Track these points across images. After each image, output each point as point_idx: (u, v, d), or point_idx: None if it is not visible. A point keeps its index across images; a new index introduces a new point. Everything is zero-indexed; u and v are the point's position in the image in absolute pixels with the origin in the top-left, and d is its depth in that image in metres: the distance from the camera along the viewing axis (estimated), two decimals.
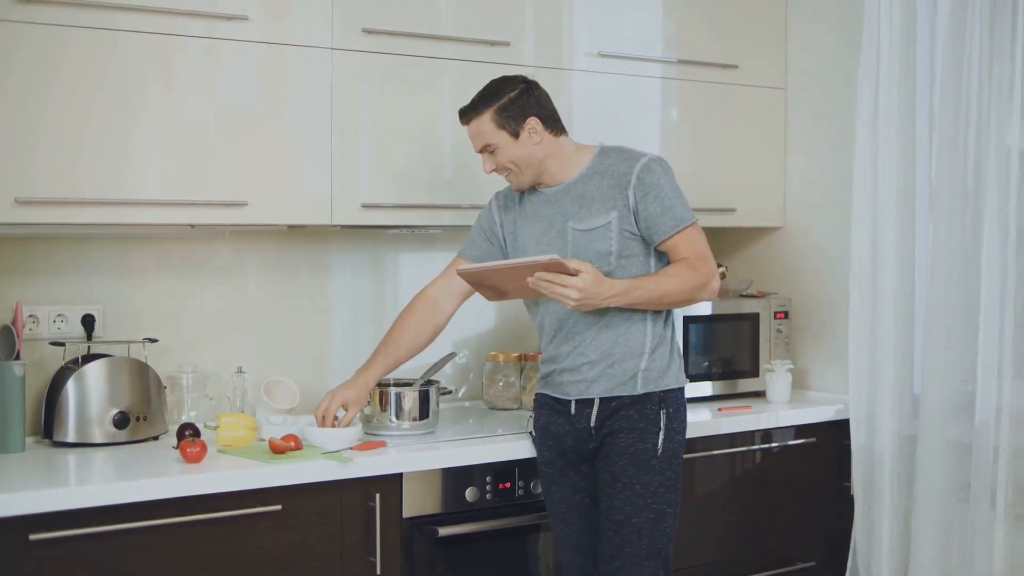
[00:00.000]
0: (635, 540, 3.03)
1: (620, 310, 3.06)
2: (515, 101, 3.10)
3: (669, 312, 3.15)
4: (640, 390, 3.07)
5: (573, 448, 3.16)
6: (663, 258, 3.11)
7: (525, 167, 3.13)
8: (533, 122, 3.11)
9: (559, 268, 2.90)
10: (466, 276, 3.07)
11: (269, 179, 3.31)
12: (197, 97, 3.21)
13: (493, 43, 3.63)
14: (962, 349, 3.64)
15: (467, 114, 3.15)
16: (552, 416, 3.19)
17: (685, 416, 3.16)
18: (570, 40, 3.79)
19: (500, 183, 3.47)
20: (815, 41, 4.20)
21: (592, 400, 3.10)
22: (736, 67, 4.14)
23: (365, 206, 3.45)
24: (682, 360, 3.21)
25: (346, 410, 3.24)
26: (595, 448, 3.12)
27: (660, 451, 3.06)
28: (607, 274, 3.03)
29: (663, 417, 3.07)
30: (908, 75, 3.77)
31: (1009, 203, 3.54)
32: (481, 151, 3.16)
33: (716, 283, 3.09)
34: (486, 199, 3.58)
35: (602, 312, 3.07)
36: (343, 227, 3.50)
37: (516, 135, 3.10)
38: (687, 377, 3.90)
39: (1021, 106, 3.52)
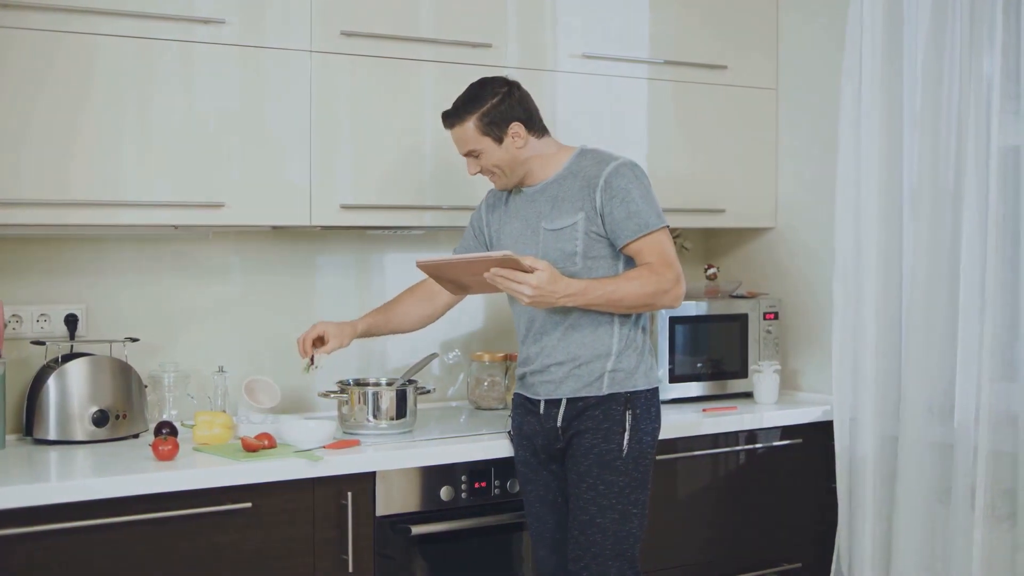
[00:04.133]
0: (600, 540, 3.05)
1: (587, 312, 3.07)
2: (497, 107, 3.12)
3: (641, 314, 3.16)
4: (606, 391, 3.08)
5: (543, 448, 3.18)
6: (632, 262, 3.11)
7: (509, 170, 3.16)
8: (516, 127, 3.13)
9: (514, 264, 2.92)
10: (425, 268, 3.09)
11: (247, 180, 3.35)
12: (175, 100, 3.25)
13: (475, 45, 3.65)
14: (944, 351, 3.63)
15: (450, 119, 3.17)
16: (525, 416, 3.22)
17: (656, 418, 3.16)
18: (554, 41, 3.81)
19: (483, 183, 3.50)
20: (807, 41, 4.19)
21: (560, 400, 3.12)
22: (725, 67, 4.13)
23: (344, 207, 3.48)
24: (655, 362, 3.21)
25: (324, 343, 3.26)
26: (563, 448, 3.14)
27: (625, 452, 3.07)
28: (572, 274, 3.05)
29: (628, 418, 3.08)
30: (891, 75, 3.76)
31: (989, 204, 3.52)
32: (466, 155, 3.18)
33: (680, 290, 3.07)
34: (467, 200, 3.62)
35: (567, 313, 3.09)
36: (324, 228, 3.53)
37: (500, 140, 3.13)
38: (675, 377, 3.97)
39: (1000, 106, 3.51)
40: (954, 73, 3.59)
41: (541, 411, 3.16)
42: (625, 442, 3.07)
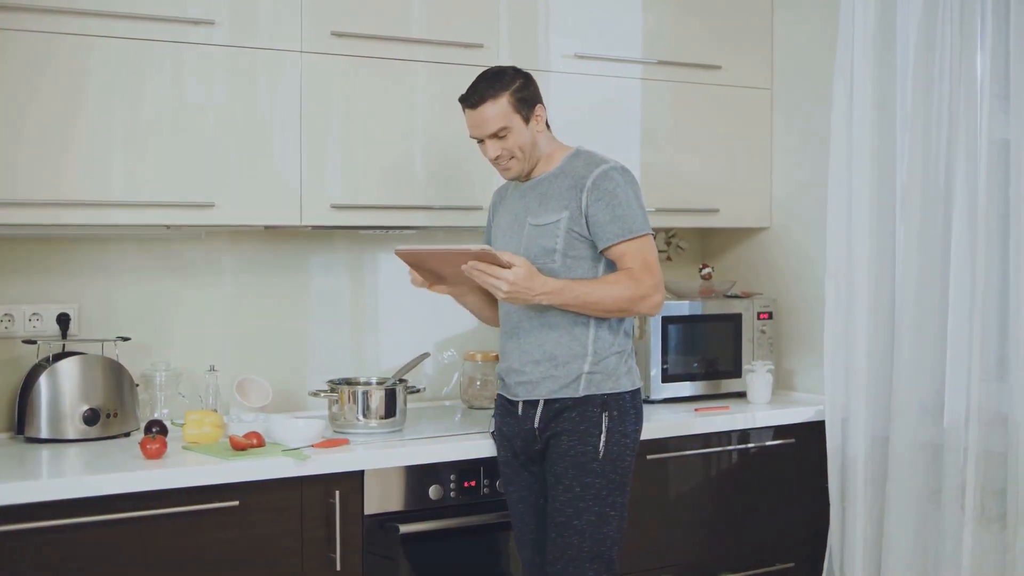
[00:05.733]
0: (576, 542, 3.05)
1: (564, 312, 3.08)
2: (527, 87, 3.14)
3: (621, 320, 3.16)
4: (582, 392, 3.08)
5: (523, 449, 3.19)
6: (614, 267, 3.11)
7: (529, 155, 3.15)
8: (540, 109, 3.16)
9: (491, 259, 2.93)
10: (404, 256, 3.09)
11: (238, 180, 3.36)
12: (167, 101, 3.27)
13: (467, 45, 3.66)
14: (935, 350, 3.62)
15: (481, 94, 3.10)
16: (504, 417, 3.23)
17: (636, 420, 3.15)
18: (546, 42, 3.81)
19: (477, 183, 3.52)
20: (802, 41, 4.18)
21: (537, 402, 3.12)
22: (719, 67, 4.13)
23: (335, 207, 3.49)
24: (635, 365, 3.19)
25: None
26: (541, 450, 3.14)
27: (601, 454, 3.06)
28: (551, 272, 3.06)
29: (605, 420, 3.07)
30: (883, 74, 3.76)
31: (978, 203, 3.52)
32: (491, 136, 3.12)
33: (658, 298, 3.06)
34: (458, 200, 3.65)
35: (543, 311, 3.09)
36: (315, 228, 3.54)
37: (527, 120, 3.13)
38: (668, 377, 3.98)
39: (989, 105, 3.50)
40: (944, 72, 3.59)
41: (519, 412, 3.16)
42: (601, 444, 3.07)
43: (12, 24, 3.07)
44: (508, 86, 3.10)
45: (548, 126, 3.23)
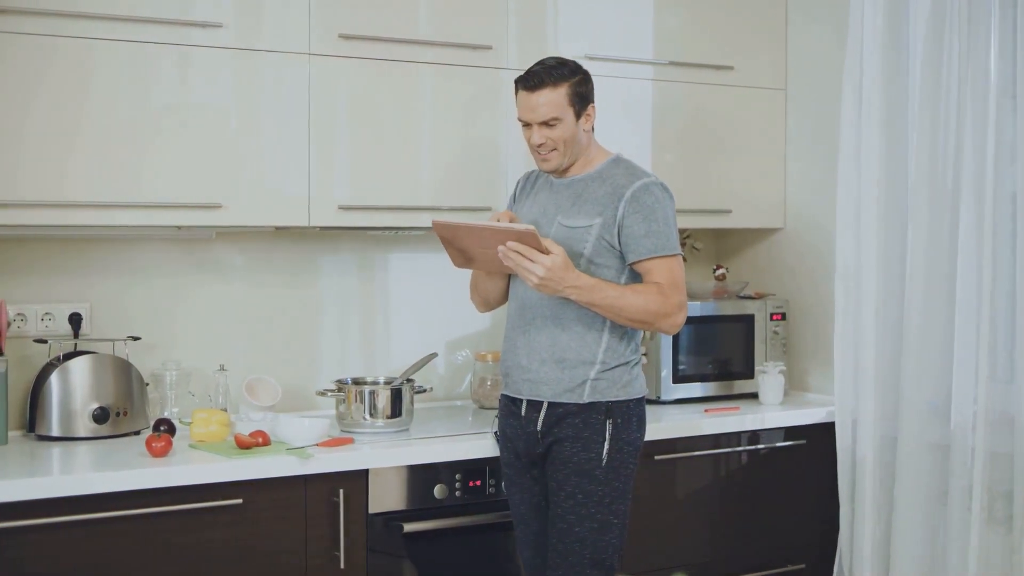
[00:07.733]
0: (578, 549, 3.04)
1: (579, 315, 3.07)
2: (585, 83, 3.13)
3: (635, 331, 3.15)
4: (587, 399, 3.07)
5: (525, 452, 3.18)
6: (636, 279, 3.10)
7: (571, 151, 3.14)
8: (592, 109, 3.15)
9: (533, 243, 2.91)
10: (439, 229, 3.03)
11: (246, 181, 3.39)
12: (174, 102, 3.31)
13: (475, 47, 3.67)
14: (943, 351, 3.61)
15: (539, 81, 3.08)
16: (507, 418, 3.23)
17: (639, 427, 3.13)
18: (555, 43, 3.81)
19: (482, 185, 3.52)
20: (816, 41, 4.17)
21: (540, 403, 3.11)
22: (731, 68, 4.13)
23: (343, 208, 3.52)
24: (640, 373, 3.18)
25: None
26: (543, 453, 3.13)
27: (604, 462, 3.05)
28: None
29: (609, 427, 3.06)
30: (892, 75, 3.74)
31: (985, 204, 3.50)
32: (541, 123, 3.10)
33: (680, 318, 3.06)
34: (464, 201, 3.66)
35: (559, 311, 3.08)
36: (322, 228, 3.57)
37: (579, 115, 3.11)
38: (680, 377, 3.98)
39: (997, 104, 3.48)
40: (952, 73, 3.57)
41: (522, 413, 3.15)
42: (605, 452, 3.06)
43: (16, 27, 3.11)
44: (569, 77, 3.10)
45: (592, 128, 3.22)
